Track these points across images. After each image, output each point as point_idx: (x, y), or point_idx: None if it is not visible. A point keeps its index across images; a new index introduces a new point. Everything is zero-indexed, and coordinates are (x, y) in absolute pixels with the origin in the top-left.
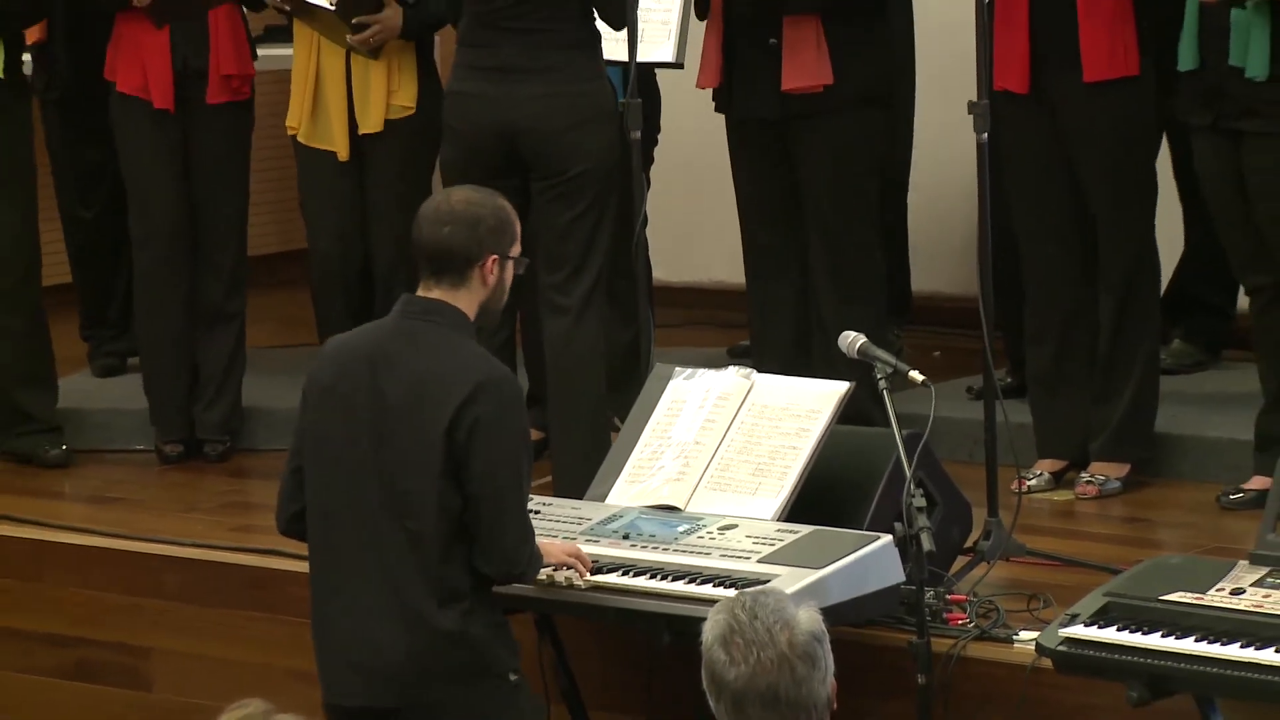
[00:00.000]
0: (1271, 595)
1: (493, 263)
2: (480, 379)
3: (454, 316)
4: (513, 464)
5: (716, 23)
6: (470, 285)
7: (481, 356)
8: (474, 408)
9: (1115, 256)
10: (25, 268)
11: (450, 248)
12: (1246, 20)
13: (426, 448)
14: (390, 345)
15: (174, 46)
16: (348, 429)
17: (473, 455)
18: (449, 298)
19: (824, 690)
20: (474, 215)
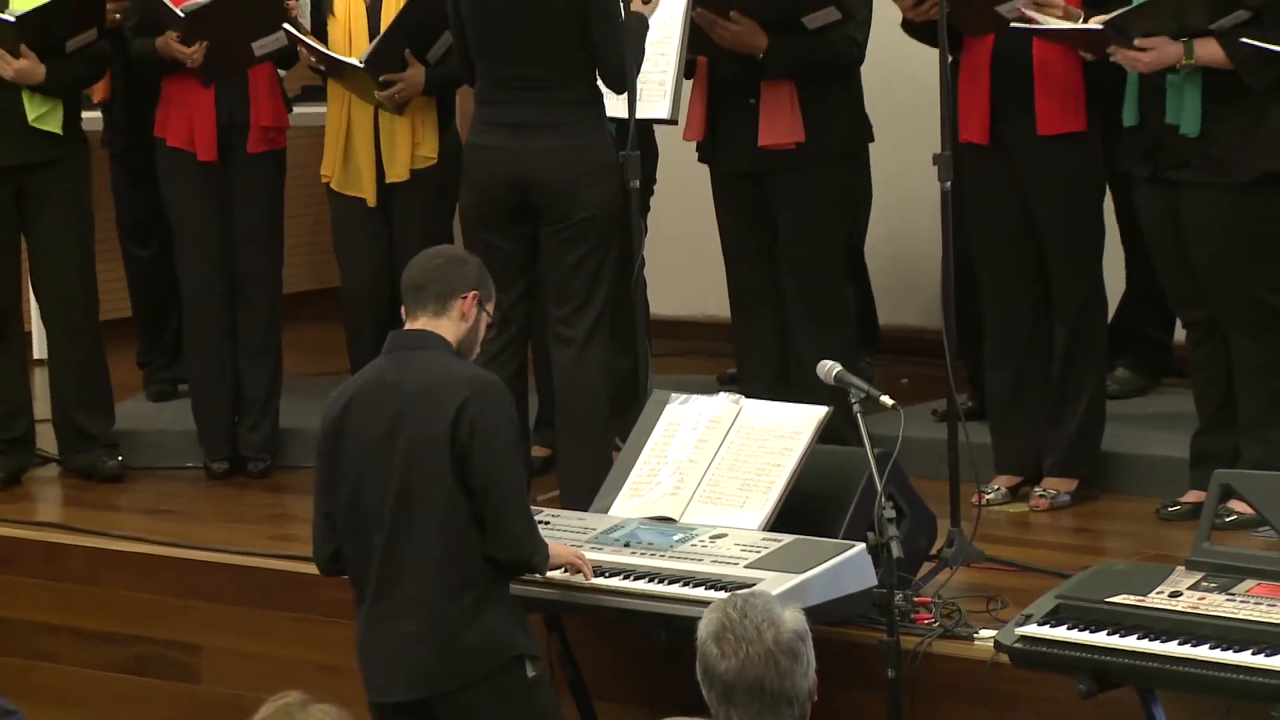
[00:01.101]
0: (1206, 598)
1: (473, 298)
2: (472, 385)
3: (438, 341)
4: (510, 454)
5: (702, 83)
6: (451, 316)
7: (469, 367)
8: (470, 409)
9: (1066, 292)
10: (85, 303)
11: (438, 277)
12: (1180, 83)
13: (434, 453)
14: (389, 374)
15: (218, 102)
16: (360, 450)
17: (474, 451)
18: (432, 326)
19: (806, 683)
20: (462, 257)
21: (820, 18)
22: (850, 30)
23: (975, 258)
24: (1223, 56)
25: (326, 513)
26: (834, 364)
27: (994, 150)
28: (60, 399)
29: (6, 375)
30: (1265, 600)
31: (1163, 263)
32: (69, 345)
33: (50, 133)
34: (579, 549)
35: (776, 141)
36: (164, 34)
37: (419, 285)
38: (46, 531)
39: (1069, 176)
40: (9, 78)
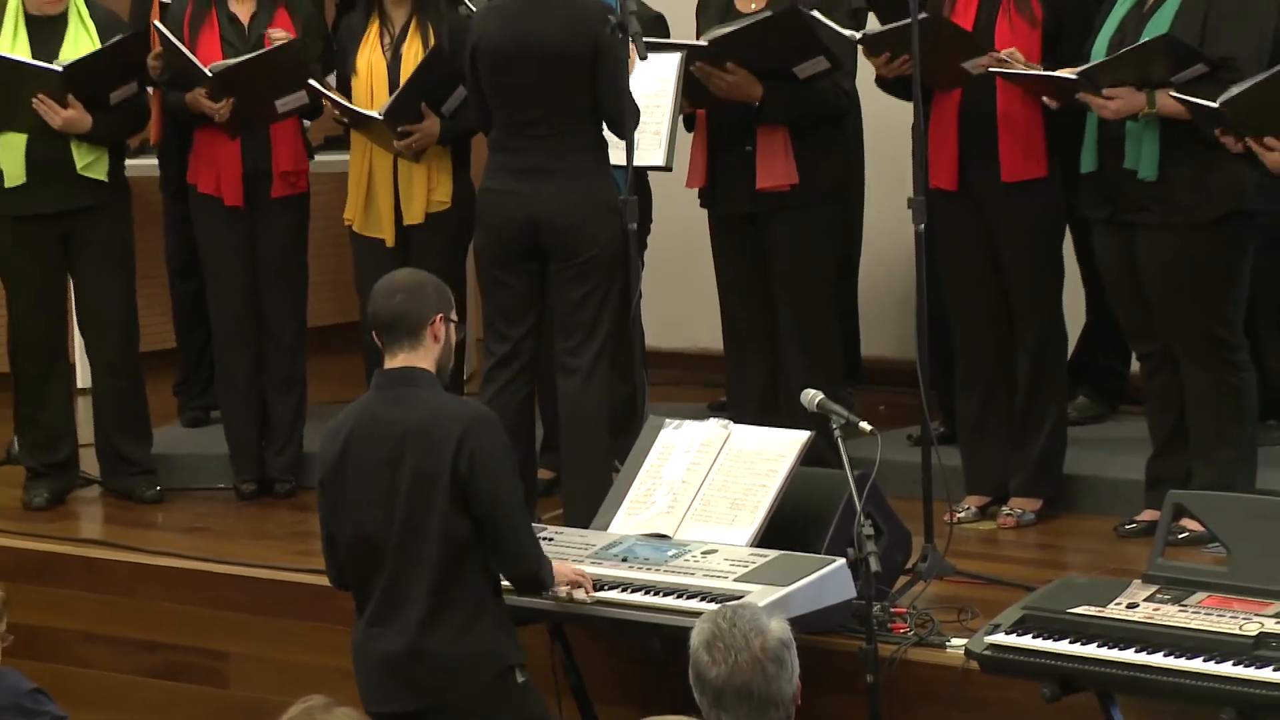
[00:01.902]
0: (1160, 608)
1: (440, 320)
2: (467, 419)
3: (423, 376)
4: (510, 480)
5: (702, 135)
6: (425, 344)
7: (459, 401)
8: (468, 443)
9: (1029, 327)
10: (126, 337)
11: (404, 313)
12: (1140, 130)
13: (432, 486)
14: (381, 412)
15: (244, 152)
16: (360, 483)
17: (476, 481)
18: (412, 360)
19: (790, 688)
20: (417, 283)
21: (810, 67)
22: (839, 79)
23: (946, 295)
24: (1181, 107)
25: (329, 536)
26: (817, 392)
27: (962, 196)
28: (102, 425)
29: (52, 404)
30: (1215, 611)
31: (1119, 299)
32: (110, 376)
33: (97, 180)
34: (580, 564)
35: (772, 184)
36: (193, 90)
37: (387, 325)
38: (88, 548)
39: (1031, 220)
40: (58, 126)
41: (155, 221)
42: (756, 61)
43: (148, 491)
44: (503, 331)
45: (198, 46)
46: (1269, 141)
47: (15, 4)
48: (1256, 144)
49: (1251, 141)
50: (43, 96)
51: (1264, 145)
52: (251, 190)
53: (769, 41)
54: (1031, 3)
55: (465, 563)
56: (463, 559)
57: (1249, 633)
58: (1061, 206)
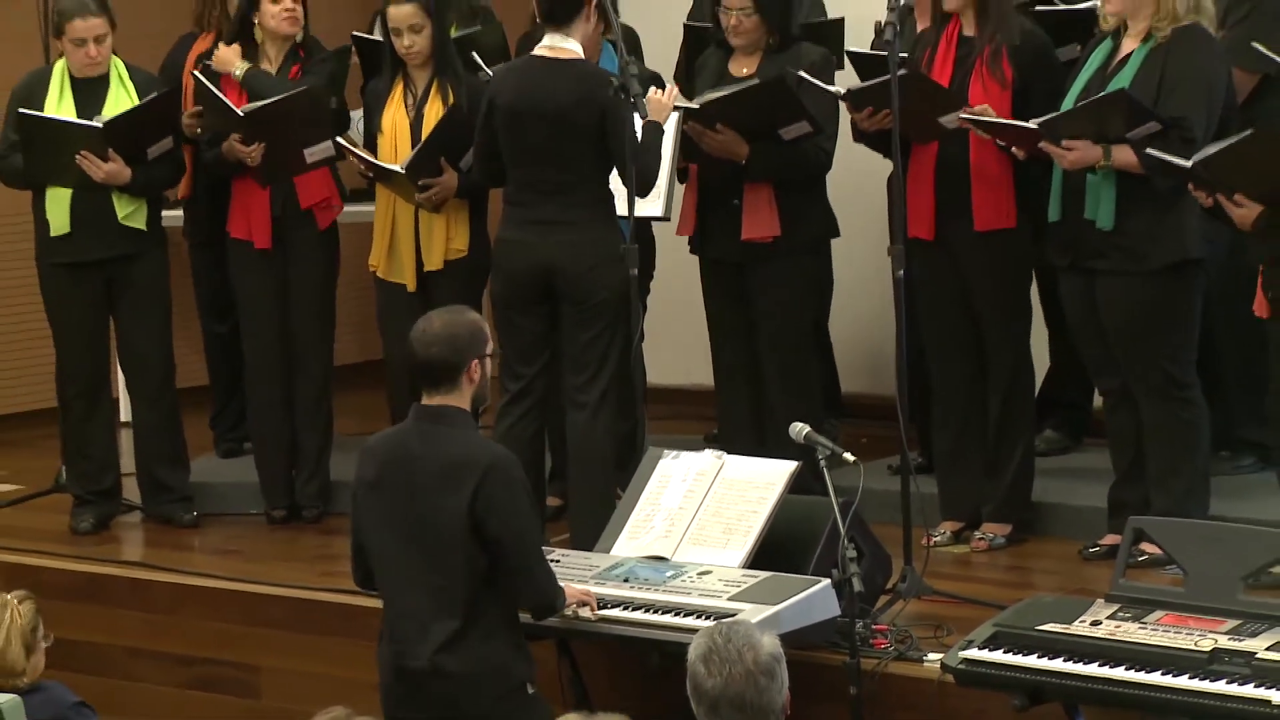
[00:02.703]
0: (1122, 626)
1: (475, 365)
2: (488, 463)
3: (456, 416)
4: (527, 520)
5: (693, 187)
6: (462, 387)
7: (485, 443)
8: (487, 485)
9: (1000, 365)
10: (164, 374)
11: (441, 363)
12: (1098, 183)
13: (454, 519)
14: (413, 445)
15: (273, 197)
16: (391, 510)
17: (491, 523)
18: (448, 400)
19: (780, 699)
20: (452, 334)
21: (793, 130)
22: (820, 141)
23: (924, 336)
24: (1135, 161)
25: (359, 545)
26: (804, 425)
27: (938, 244)
28: (143, 456)
29: (97, 436)
30: (1172, 628)
31: (1082, 339)
32: (150, 410)
33: (136, 229)
34: (585, 584)
35: (757, 235)
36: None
37: (425, 372)
38: (131, 569)
39: (1002, 267)
40: (99, 179)
41: (186, 268)
42: (744, 123)
43: (185, 517)
44: (517, 370)
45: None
46: (1238, 198)
47: (61, 67)
48: (1226, 200)
49: (1221, 197)
50: (85, 152)
51: (1234, 201)
52: (282, 234)
53: (756, 106)
54: (1003, 65)
55: (484, 590)
56: (482, 587)
57: (1204, 648)
58: (1029, 254)
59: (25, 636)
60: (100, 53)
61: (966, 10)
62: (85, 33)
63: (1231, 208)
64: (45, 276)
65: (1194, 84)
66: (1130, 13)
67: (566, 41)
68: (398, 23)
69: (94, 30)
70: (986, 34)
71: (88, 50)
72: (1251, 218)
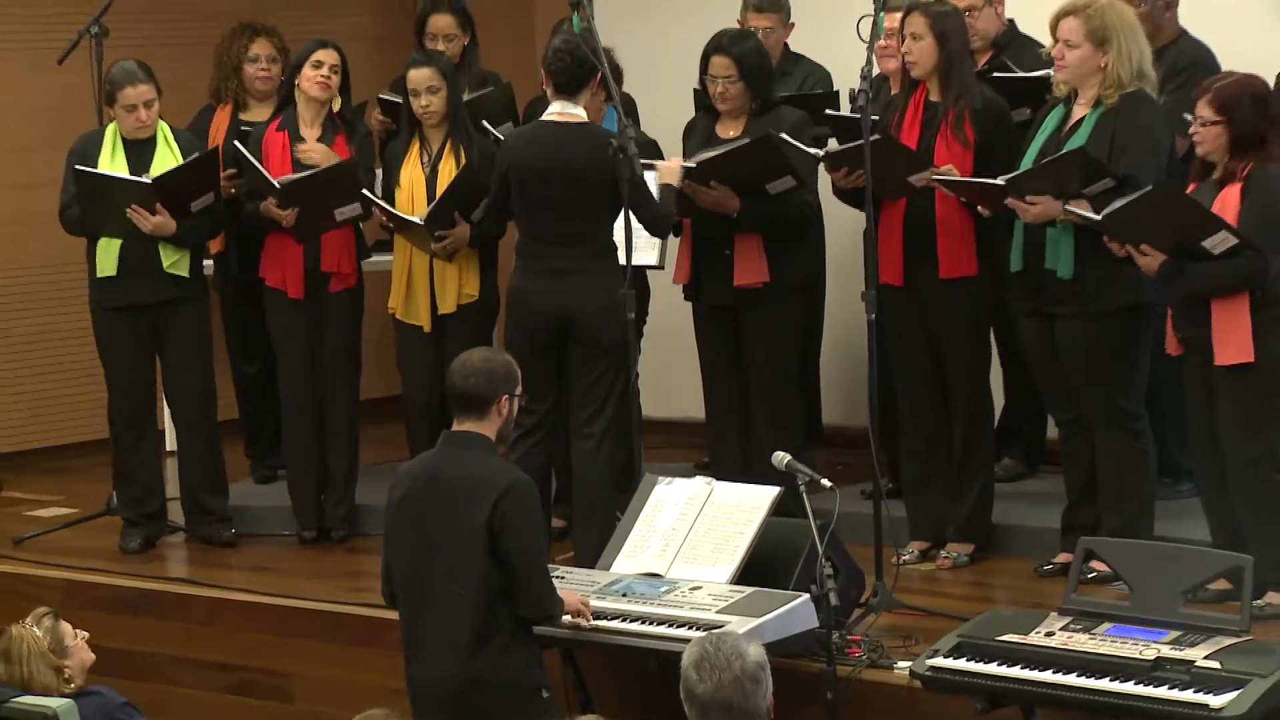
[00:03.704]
0: (1073, 636)
1: (505, 400)
2: (506, 485)
3: (482, 442)
4: (535, 540)
5: (688, 239)
6: (490, 418)
7: (505, 467)
8: (503, 505)
9: (961, 400)
10: (206, 407)
11: (476, 393)
12: (1057, 235)
13: (473, 536)
14: (439, 466)
15: (306, 253)
16: (417, 527)
17: (506, 538)
18: (476, 428)
19: (765, 702)
20: (489, 369)
21: (780, 185)
22: (804, 194)
23: (894, 373)
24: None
25: (388, 563)
26: (785, 454)
27: (906, 290)
28: (186, 482)
29: (144, 464)
30: (1119, 639)
31: (1041, 377)
32: (193, 440)
33: (180, 276)
34: (586, 597)
35: (747, 282)
36: (265, 200)
37: (461, 399)
38: (176, 585)
39: (964, 311)
40: (148, 230)
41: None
42: (735, 180)
43: (225, 536)
44: (530, 407)
45: (270, 158)
46: (1144, 248)
47: (113, 129)
48: (1133, 250)
49: (1129, 247)
50: (135, 206)
51: (1139, 251)
52: (313, 285)
53: (745, 164)
54: (965, 128)
55: (500, 602)
56: (498, 599)
57: (1148, 657)
58: (989, 300)
59: (47, 658)
60: (149, 116)
61: (932, 78)
62: (135, 99)
63: (1138, 256)
64: (97, 319)
65: (1142, 144)
66: (1079, 82)
67: (574, 108)
68: (416, 84)
69: (143, 96)
70: (950, 99)
71: (138, 114)
72: (1155, 265)
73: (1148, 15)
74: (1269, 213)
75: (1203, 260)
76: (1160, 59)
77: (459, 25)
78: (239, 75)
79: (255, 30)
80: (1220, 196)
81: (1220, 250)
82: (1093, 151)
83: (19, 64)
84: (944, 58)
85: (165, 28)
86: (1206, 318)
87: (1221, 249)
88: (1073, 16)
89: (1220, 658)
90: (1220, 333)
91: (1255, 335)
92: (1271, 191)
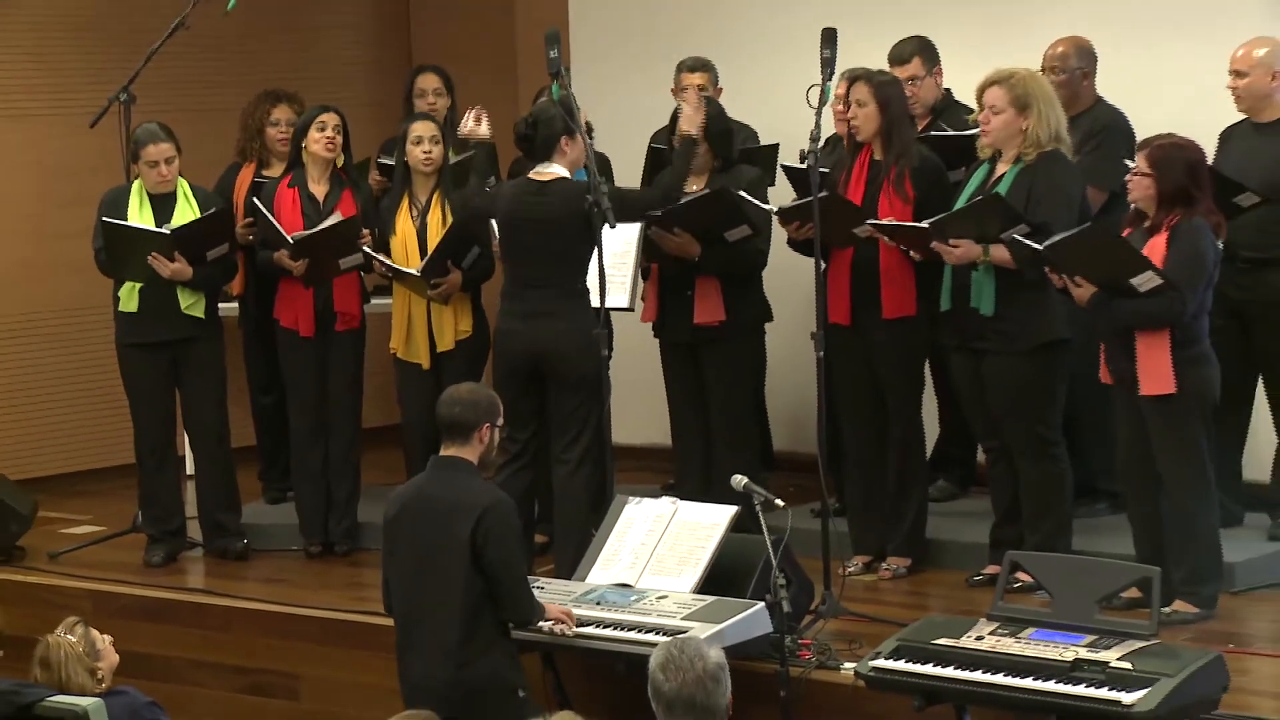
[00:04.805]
0: (1001, 640)
1: (486, 428)
2: (488, 503)
3: (465, 466)
4: (515, 552)
5: (654, 282)
6: (473, 444)
7: (487, 488)
8: (485, 521)
9: (897, 430)
10: (220, 436)
11: (460, 421)
12: (980, 277)
13: (458, 550)
14: (427, 488)
15: (315, 297)
16: (409, 542)
17: (488, 551)
18: (460, 453)
19: (724, 700)
20: (473, 400)
21: (737, 233)
22: (758, 243)
23: (839, 404)
24: (1009, 257)
25: (386, 578)
26: (743, 477)
27: (852, 329)
28: (203, 502)
29: (166, 487)
30: (1041, 642)
31: (969, 408)
32: (209, 466)
33: (197, 317)
34: (565, 606)
35: (706, 320)
36: (278, 251)
37: (447, 426)
38: (194, 595)
39: (903, 348)
40: (166, 276)
41: (238, 350)
42: (697, 228)
43: (238, 550)
44: (515, 436)
45: (282, 213)
46: (1078, 279)
47: (139, 185)
48: (1069, 281)
49: (1066, 279)
50: (156, 254)
51: (1074, 282)
52: (321, 326)
53: (706, 214)
54: (905, 185)
55: (483, 610)
56: (482, 607)
57: (1067, 658)
58: (926, 337)
59: (82, 660)
60: (170, 171)
61: (875, 140)
62: (157, 155)
63: (1072, 287)
64: (122, 355)
65: (1056, 197)
66: (1003, 143)
67: (550, 167)
68: (421, 134)
69: (164, 154)
70: (891, 159)
71: (159, 169)
72: (1087, 296)
73: (1067, 84)
74: (1190, 260)
75: (1129, 296)
76: (1078, 123)
77: (445, 85)
78: (261, 137)
79: (277, 97)
80: (1150, 242)
81: (1146, 289)
82: (1012, 202)
83: (55, 127)
84: (886, 122)
85: (186, 95)
86: (1133, 354)
87: (1147, 287)
88: (998, 85)
89: (1132, 659)
90: (1145, 366)
91: (1176, 369)
92: (1193, 242)
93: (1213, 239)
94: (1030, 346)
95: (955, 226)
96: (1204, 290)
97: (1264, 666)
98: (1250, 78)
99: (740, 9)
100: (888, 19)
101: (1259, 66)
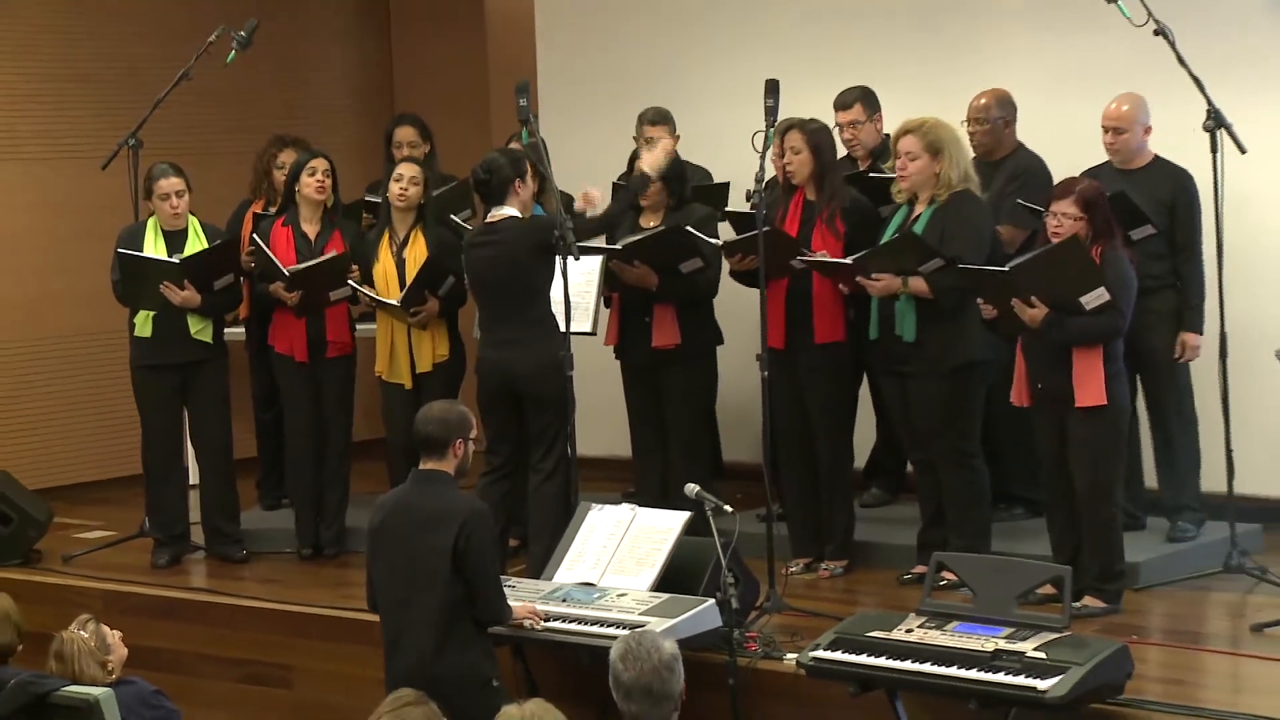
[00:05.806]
0: (928, 633)
1: (459, 443)
2: (466, 513)
3: (443, 478)
4: (492, 558)
5: (616, 309)
6: (448, 458)
7: (465, 498)
8: (466, 529)
9: (826, 442)
10: (223, 450)
11: (434, 437)
12: (902, 306)
13: (439, 555)
14: (410, 498)
15: (308, 325)
16: (392, 547)
17: (469, 557)
18: (439, 466)
19: (678, 687)
20: (445, 418)
21: (690, 265)
22: (710, 274)
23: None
24: (926, 288)
25: (370, 579)
26: (695, 485)
27: (787, 352)
28: (206, 510)
29: (172, 495)
30: (965, 634)
31: (898, 425)
32: (212, 477)
33: (205, 341)
34: (533, 604)
35: (663, 344)
36: (274, 282)
37: (423, 442)
38: (198, 594)
39: (833, 370)
40: (177, 303)
41: (243, 371)
42: (654, 260)
43: (238, 554)
44: (496, 449)
45: (276, 249)
46: (1034, 300)
47: (153, 221)
48: (1021, 303)
49: (1017, 301)
50: (167, 283)
51: (1028, 303)
52: (314, 352)
53: (662, 248)
54: (837, 223)
55: (460, 609)
56: (458, 606)
57: (988, 649)
58: (853, 361)
59: (95, 654)
60: (181, 205)
61: (809, 183)
62: (168, 189)
63: (1024, 309)
64: (135, 375)
65: (968, 232)
66: (920, 186)
67: (503, 209)
68: (402, 173)
69: (174, 187)
70: (824, 200)
71: (170, 203)
72: (1040, 316)
73: (990, 132)
74: (1120, 281)
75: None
76: (1001, 167)
77: (420, 135)
78: (269, 178)
79: (285, 141)
80: None
81: (1093, 306)
82: (929, 238)
83: (69, 169)
84: (818, 166)
85: (188, 138)
86: (1069, 369)
87: (1094, 305)
88: (911, 135)
89: (1046, 649)
90: (1081, 380)
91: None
92: (1120, 268)
93: (1130, 264)
94: (949, 368)
95: (876, 262)
96: (1130, 309)
97: (1161, 655)
98: (1128, 134)
99: (695, 63)
100: (831, 73)
101: (1135, 124)
